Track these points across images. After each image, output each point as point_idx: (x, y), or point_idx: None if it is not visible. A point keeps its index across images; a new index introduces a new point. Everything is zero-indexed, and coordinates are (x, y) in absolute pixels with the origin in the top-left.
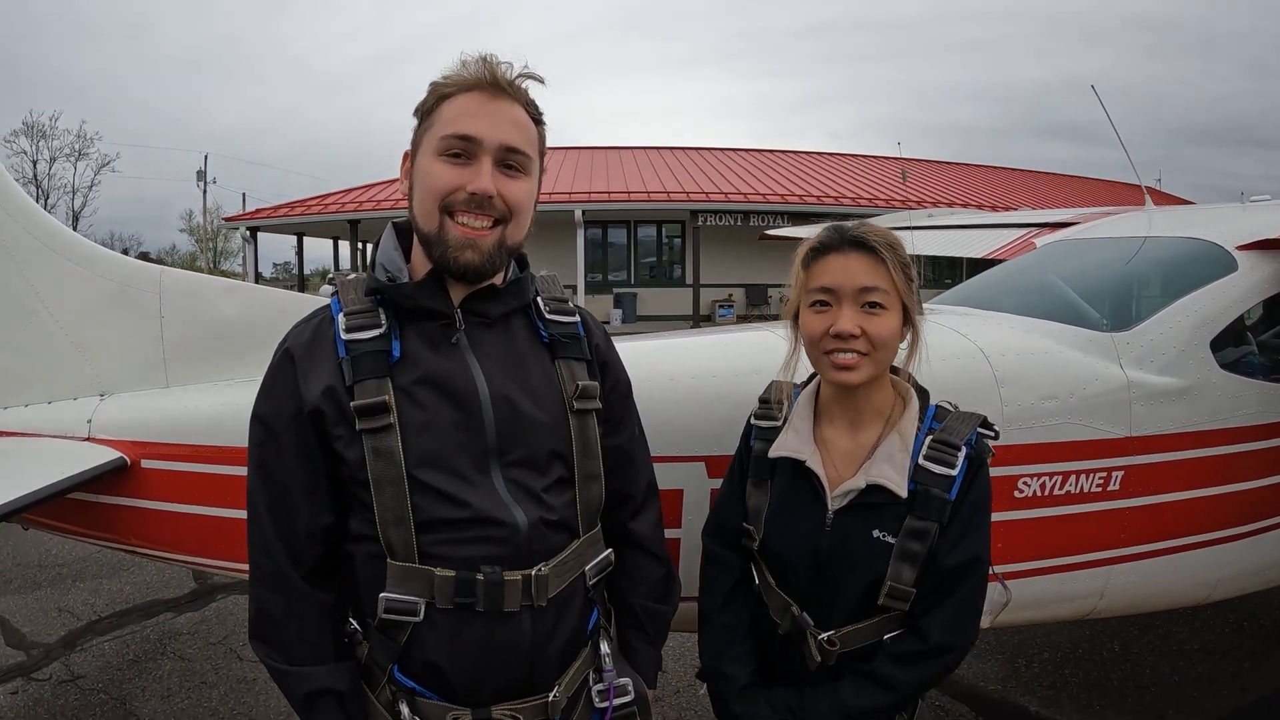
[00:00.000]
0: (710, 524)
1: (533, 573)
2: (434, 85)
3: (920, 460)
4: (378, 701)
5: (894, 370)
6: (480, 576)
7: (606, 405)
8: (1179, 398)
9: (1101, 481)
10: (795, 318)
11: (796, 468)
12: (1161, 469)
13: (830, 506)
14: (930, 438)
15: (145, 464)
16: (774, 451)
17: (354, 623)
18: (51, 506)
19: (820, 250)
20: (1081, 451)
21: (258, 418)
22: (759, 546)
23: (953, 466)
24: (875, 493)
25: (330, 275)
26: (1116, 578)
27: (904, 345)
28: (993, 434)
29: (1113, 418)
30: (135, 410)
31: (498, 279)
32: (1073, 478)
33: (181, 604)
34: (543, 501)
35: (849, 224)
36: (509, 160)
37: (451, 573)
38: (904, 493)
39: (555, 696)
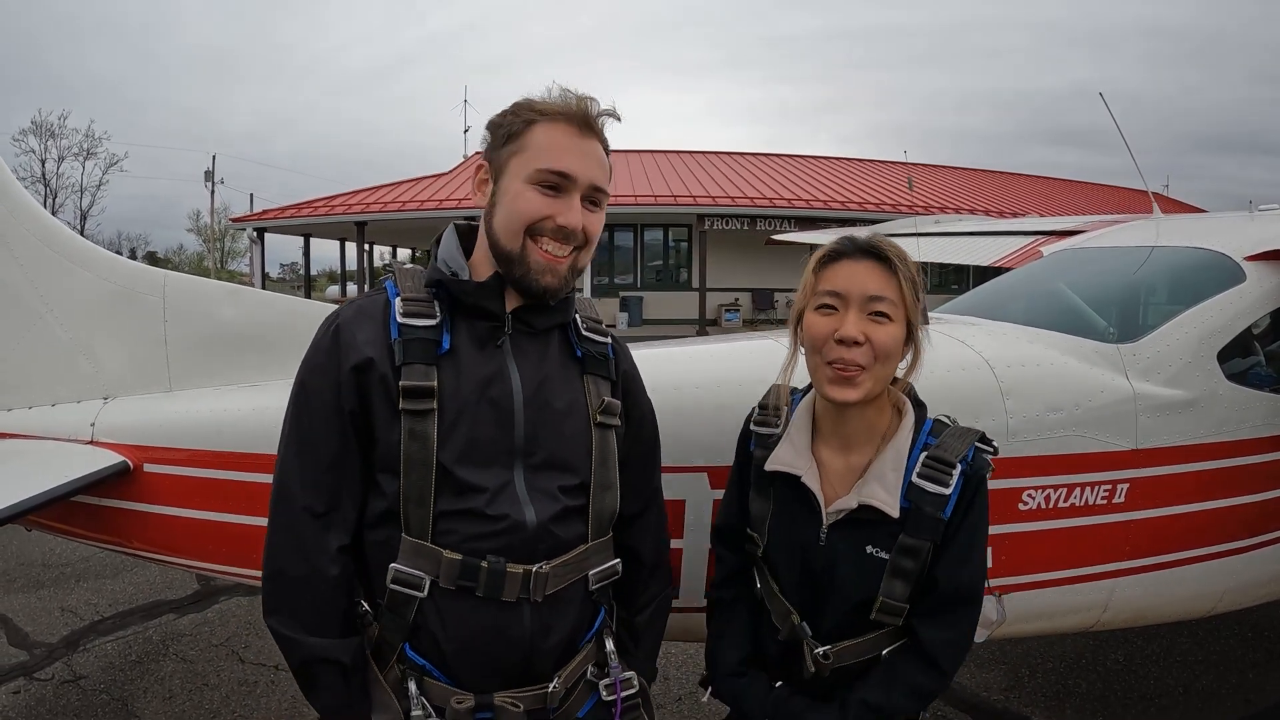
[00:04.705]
0: (715, 523)
1: (534, 569)
2: (521, 108)
3: (914, 478)
4: (386, 680)
5: (893, 380)
6: (484, 564)
7: (631, 426)
8: (1185, 410)
9: (1107, 494)
10: (798, 322)
11: (791, 479)
12: (1167, 481)
13: (825, 522)
14: (925, 454)
15: (148, 468)
16: (770, 465)
17: (365, 604)
18: (54, 509)
19: (833, 256)
20: (1087, 464)
21: (302, 385)
22: (762, 553)
23: (947, 485)
24: (869, 510)
25: (387, 262)
26: (1121, 590)
27: (905, 360)
28: (991, 449)
29: (1119, 430)
30: (138, 414)
31: None
32: (1078, 490)
33: (184, 605)
34: (556, 503)
35: (864, 235)
36: (593, 197)
37: (459, 556)
38: (895, 513)
39: (554, 687)
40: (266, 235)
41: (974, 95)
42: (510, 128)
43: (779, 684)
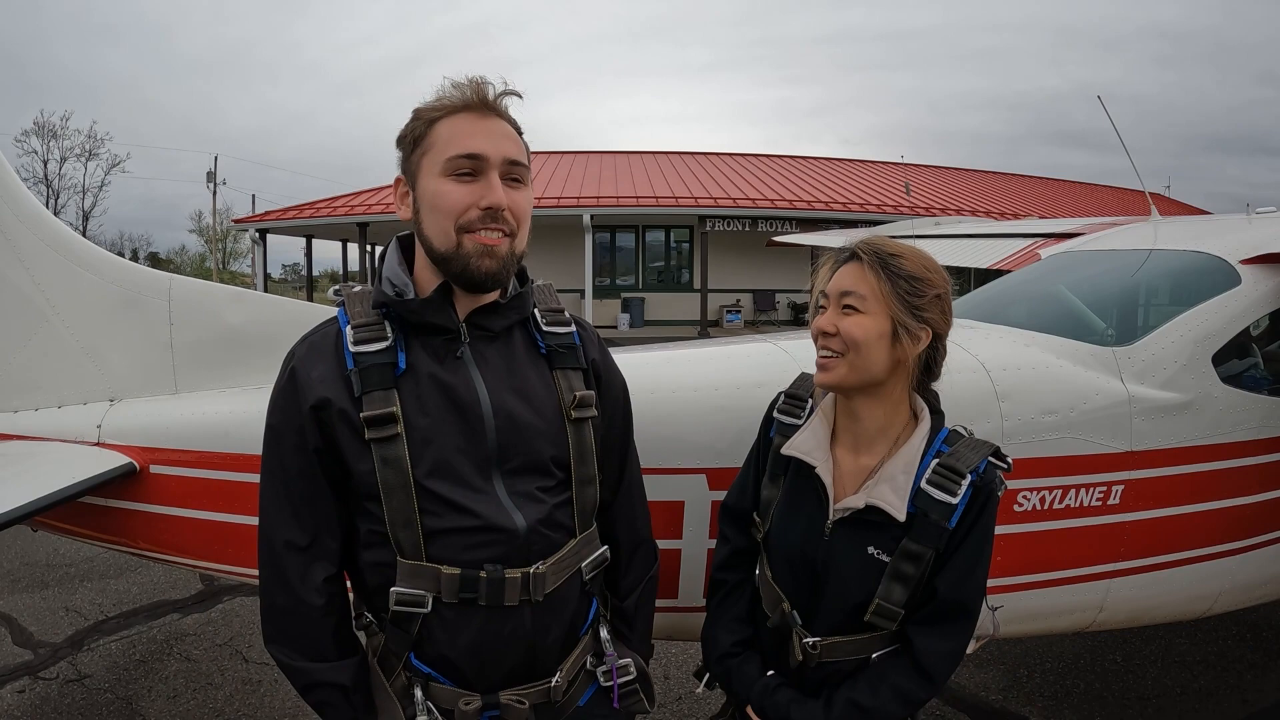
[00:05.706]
0: (725, 501)
1: (531, 570)
2: (421, 111)
3: (922, 484)
4: (392, 688)
5: (921, 389)
6: (483, 574)
7: (603, 412)
8: (1180, 412)
9: (1101, 496)
10: None
11: (805, 469)
12: (1162, 483)
13: (830, 516)
14: (936, 462)
15: (154, 469)
16: (787, 449)
17: (369, 615)
18: (61, 510)
19: (830, 264)
20: (1082, 466)
21: (270, 427)
22: (763, 538)
23: (955, 495)
24: (874, 512)
25: (337, 286)
26: (1116, 591)
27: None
28: (1005, 465)
29: (1113, 432)
30: (144, 416)
31: (499, 294)
32: (1073, 492)
33: (188, 605)
34: (541, 504)
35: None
36: (513, 173)
37: (456, 570)
38: (902, 516)
39: (557, 681)
40: (268, 236)
41: (974, 96)
42: (415, 133)
43: (770, 673)
